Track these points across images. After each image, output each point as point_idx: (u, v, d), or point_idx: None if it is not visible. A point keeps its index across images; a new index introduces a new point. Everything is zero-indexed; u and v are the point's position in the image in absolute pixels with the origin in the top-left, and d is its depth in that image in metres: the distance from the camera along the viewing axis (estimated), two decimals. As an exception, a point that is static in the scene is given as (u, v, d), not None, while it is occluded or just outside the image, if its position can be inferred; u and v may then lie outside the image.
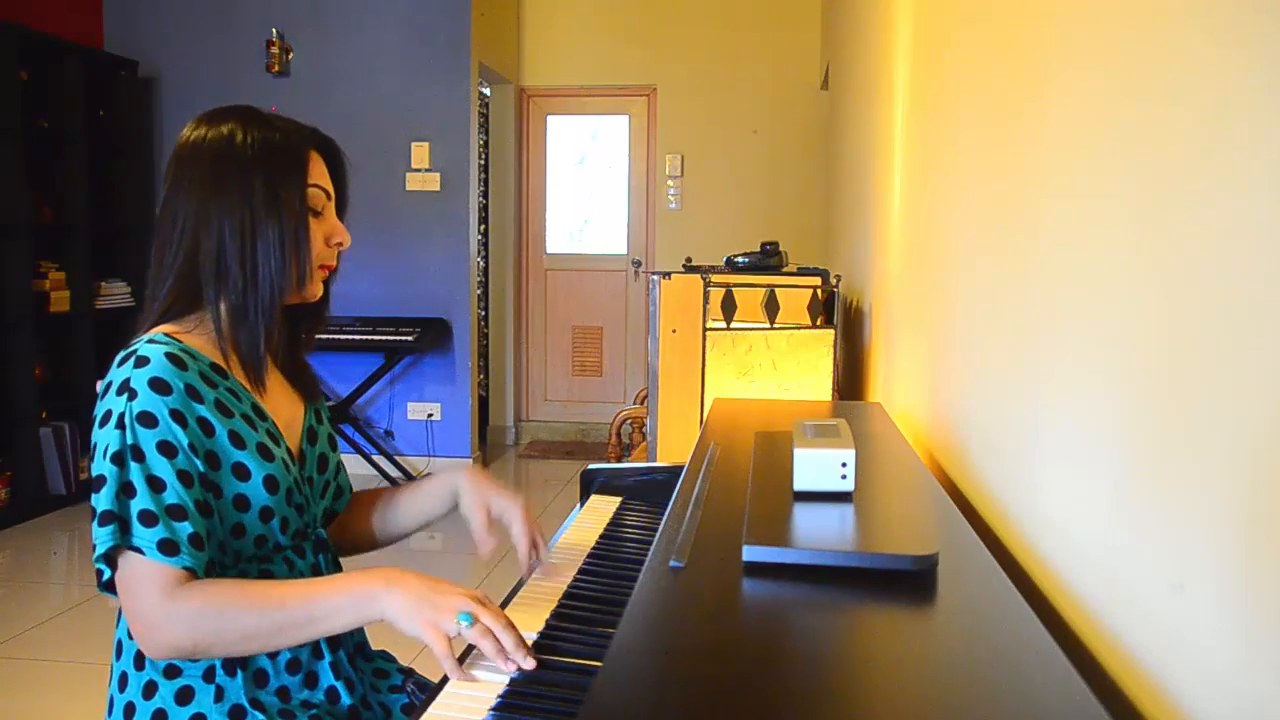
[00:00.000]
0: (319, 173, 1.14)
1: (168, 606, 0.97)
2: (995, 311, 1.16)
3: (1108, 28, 0.81)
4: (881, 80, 2.47)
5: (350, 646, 1.17)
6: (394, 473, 4.70)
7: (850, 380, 2.73)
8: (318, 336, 1.25)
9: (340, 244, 1.17)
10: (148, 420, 0.99)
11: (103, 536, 0.97)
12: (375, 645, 1.25)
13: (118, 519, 0.97)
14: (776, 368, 2.21)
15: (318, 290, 1.17)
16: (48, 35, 4.19)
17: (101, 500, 0.98)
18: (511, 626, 0.95)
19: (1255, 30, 0.57)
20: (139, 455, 0.98)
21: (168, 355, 1.02)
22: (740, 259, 2.70)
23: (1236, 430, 0.58)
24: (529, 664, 0.93)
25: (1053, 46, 0.96)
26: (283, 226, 1.09)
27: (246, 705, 1.05)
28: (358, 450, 4.74)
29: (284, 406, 1.19)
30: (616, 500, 1.58)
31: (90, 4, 4.85)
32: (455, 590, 0.98)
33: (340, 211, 1.20)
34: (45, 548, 3.81)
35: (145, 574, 0.97)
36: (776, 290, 2.23)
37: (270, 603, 0.98)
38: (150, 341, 1.04)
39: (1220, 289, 0.60)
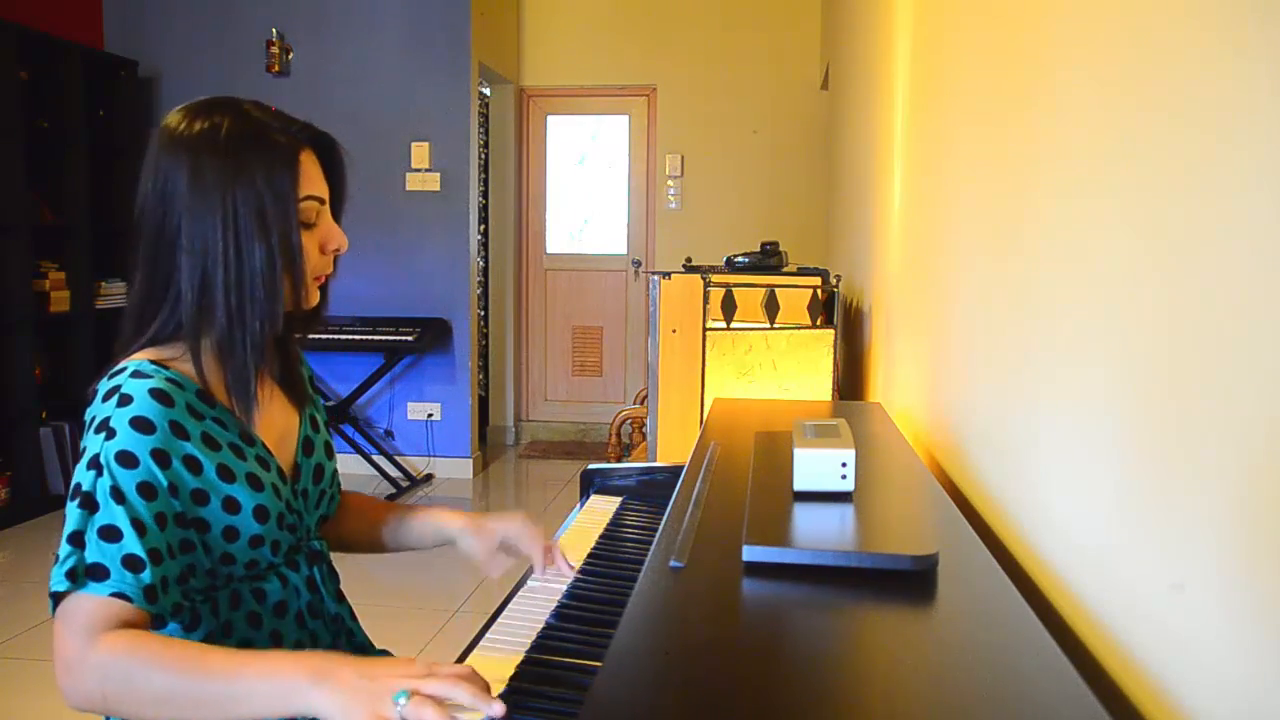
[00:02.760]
0: (310, 179, 1.05)
1: (86, 652, 0.88)
2: (995, 311, 1.16)
3: (1107, 27, 0.81)
4: (881, 80, 2.47)
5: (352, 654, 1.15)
6: (394, 473, 4.70)
7: (850, 380, 2.73)
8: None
9: (338, 250, 1.10)
10: (128, 460, 0.94)
11: (58, 577, 0.90)
12: (378, 645, 1.25)
13: (77, 562, 0.90)
14: (776, 368, 2.21)
15: (314, 299, 1.10)
16: (48, 35, 4.19)
17: (62, 542, 0.91)
18: (470, 680, 0.84)
19: (1255, 31, 0.57)
20: (120, 497, 0.92)
21: (152, 392, 0.97)
22: (740, 259, 2.70)
23: (1236, 430, 0.58)
24: (497, 710, 0.81)
25: (1053, 47, 0.96)
26: (271, 250, 1.00)
27: None
28: (358, 450, 4.74)
29: (278, 420, 1.14)
30: (616, 500, 1.58)
31: (90, 4, 4.85)
32: (392, 671, 0.84)
33: (337, 211, 1.12)
34: (45, 548, 3.81)
35: (89, 613, 0.90)
36: (776, 290, 2.23)
37: (191, 671, 0.87)
38: (135, 374, 0.98)
39: (1221, 288, 0.60)
